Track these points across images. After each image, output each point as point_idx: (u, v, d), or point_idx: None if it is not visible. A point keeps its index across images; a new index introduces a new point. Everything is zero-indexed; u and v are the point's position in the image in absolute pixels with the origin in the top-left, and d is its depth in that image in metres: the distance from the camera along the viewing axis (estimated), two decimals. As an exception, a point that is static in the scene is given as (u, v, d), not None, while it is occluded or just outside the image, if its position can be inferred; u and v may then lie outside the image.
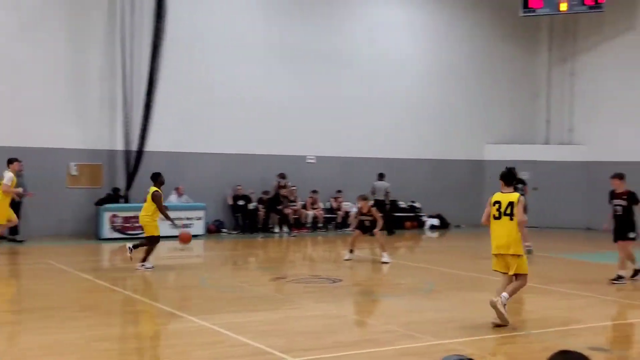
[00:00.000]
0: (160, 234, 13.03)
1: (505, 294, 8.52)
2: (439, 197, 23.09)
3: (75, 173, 18.44)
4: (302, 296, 10.63)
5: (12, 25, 17.73)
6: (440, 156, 23.47)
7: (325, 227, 21.12)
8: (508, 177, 8.88)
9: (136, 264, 12.74)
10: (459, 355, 3.41)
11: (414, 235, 21.39)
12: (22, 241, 16.58)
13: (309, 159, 21.57)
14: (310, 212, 20.92)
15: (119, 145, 18.66)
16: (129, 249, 12.88)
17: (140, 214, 13.21)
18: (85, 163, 18.53)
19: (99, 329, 8.13)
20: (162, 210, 12.83)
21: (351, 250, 14.78)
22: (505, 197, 8.67)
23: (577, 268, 15.10)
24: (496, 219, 8.69)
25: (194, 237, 15.54)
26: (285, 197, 20.25)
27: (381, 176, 20.54)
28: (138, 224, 14.31)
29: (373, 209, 14.81)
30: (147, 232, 12.99)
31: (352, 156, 22.02)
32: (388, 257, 14.46)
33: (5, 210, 14.33)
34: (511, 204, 8.57)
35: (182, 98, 19.52)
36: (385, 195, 20.04)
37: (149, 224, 12.86)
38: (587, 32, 24.07)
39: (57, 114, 18.19)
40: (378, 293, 11.47)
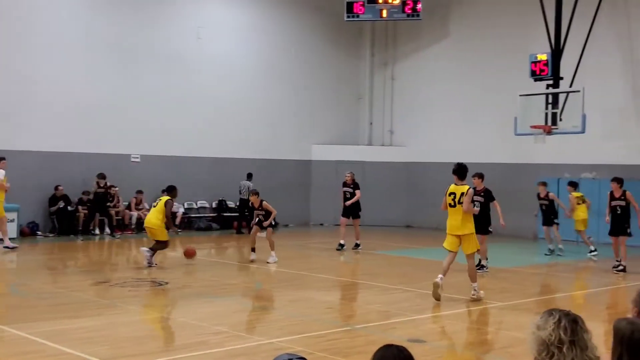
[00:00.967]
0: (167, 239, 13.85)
1: (475, 284, 10.46)
2: (267, 196, 23.15)
3: None
4: (127, 300, 10.25)
5: None
6: (269, 156, 23.67)
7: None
8: (460, 171, 10.45)
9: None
10: (290, 353, 3.43)
11: (243, 235, 21.38)
12: None
13: (133, 157, 20.87)
14: (135, 213, 20.25)
15: None
16: (148, 260, 13.44)
17: (149, 219, 13.98)
18: None
19: None
20: (168, 218, 13.79)
21: (253, 249, 14.62)
22: (459, 189, 10.36)
23: (397, 264, 15.84)
24: (452, 207, 10.36)
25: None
26: (112, 196, 19.55)
27: (249, 176, 21.14)
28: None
29: (264, 202, 14.78)
30: (157, 237, 13.75)
31: (179, 155, 21.59)
32: (274, 258, 14.31)
33: None
34: (463, 194, 10.21)
35: (-6, 92, 18.14)
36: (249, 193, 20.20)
37: (159, 229, 13.69)
38: (406, 38, 25.36)
39: None
40: (207, 294, 11.33)
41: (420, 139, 24.60)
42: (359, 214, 17.24)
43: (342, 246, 16.83)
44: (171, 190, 14.31)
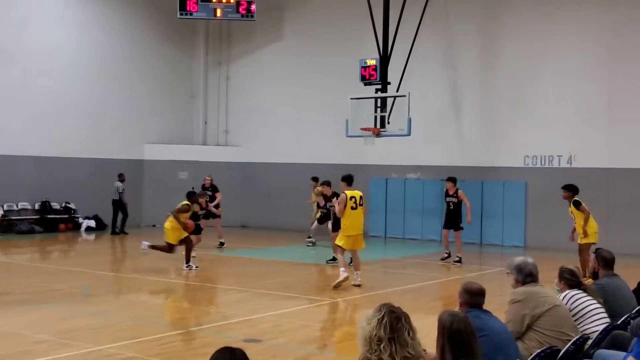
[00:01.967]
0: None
1: (359, 272, 12.13)
2: (95, 197, 22.29)
3: None
4: (-63, 311, 9.39)
5: None
6: (97, 155, 22.69)
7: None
8: (349, 179, 12.35)
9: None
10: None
11: (69, 238, 20.38)
12: None
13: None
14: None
15: None
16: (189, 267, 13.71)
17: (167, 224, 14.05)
18: None
19: None
20: (177, 217, 13.89)
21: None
22: (357, 193, 12.13)
23: (233, 264, 15.80)
24: (353, 209, 11.95)
25: None
26: None
27: (120, 176, 20.87)
28: None
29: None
30: (167, 238, 13.99)
31: (-2, 153, 20.15)
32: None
33: None
34: (361, 197, 12.12)
35: None
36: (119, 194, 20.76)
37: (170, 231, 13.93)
38: (241, 38, 25.37)
39: None
40: (30, 301, 10.64)
41: (256, 139, 24.71)
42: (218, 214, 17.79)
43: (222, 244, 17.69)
44: (190, 196, 14.66)
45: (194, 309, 10.28)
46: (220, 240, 17.70)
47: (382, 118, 18.39)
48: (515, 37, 19.96)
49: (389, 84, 18.70)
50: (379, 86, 18.64)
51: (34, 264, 15.51)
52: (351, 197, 12.04)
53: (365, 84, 18.89)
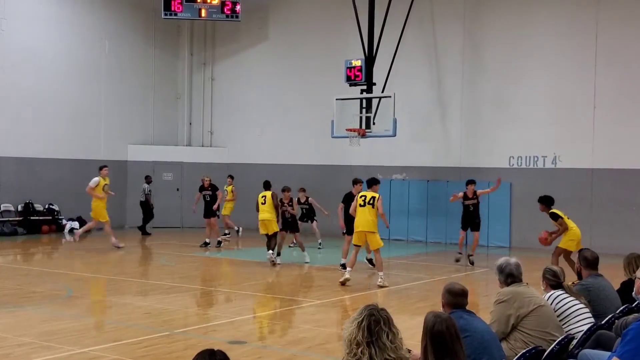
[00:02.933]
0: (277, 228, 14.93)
1: (381, 273, 12.57)
2: (79, 199, 22.07)
3: None
4: None
5: None
6: (81, 156, 22.49)
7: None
8: (371, 182, 13.10)
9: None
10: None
11: (52, 240, 20.20)
12: None
13: None
14: None
15: None
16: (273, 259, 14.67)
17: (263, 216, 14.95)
18: None
19: None
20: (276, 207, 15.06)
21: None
22: (369, 194, 12.71)
23: (216, 265, 15.72)
24: (361, 206, 12.50)
25: None
26: None
27: (147, 178, 21.38)
28: None
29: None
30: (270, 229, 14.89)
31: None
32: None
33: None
34: (373, 198, 12.55)
35: None
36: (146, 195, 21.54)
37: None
38: (226, 39, 25.27)
39: None
40: (10, 304, 10.52)
41: (240, 140, 24.63)
42: (216, 213, 18.43)
43: (206, 244, 18.17)
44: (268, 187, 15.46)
45: (177, 310, 10.20)
46: (217, 239, 18.38)
47: (368, 119, 18.40)
48: (500, 37, 20.02)
49: (374, 84, 18.71)
50: (364, 87, 18.65)
51: (16, 265, 15.34)
52: (361, 196, 12.78)
53: (351, 85, 18.89)
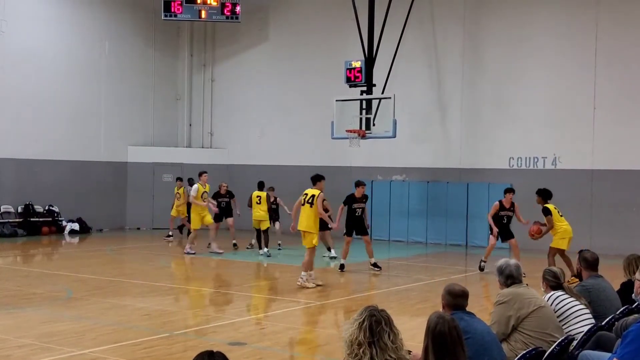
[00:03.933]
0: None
1: (304, 273, 12.01)
2: (79, 200, 22.13)
3: None
4: None
5: None
6: (81, 157, 22.49)
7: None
8: (315, 178, 12.44)
9: None
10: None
11: (52, 241, 20.20)
12: None
13: None
14: None
15: None
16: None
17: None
18: None
19: None
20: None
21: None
22: (310, 191, 12.20)
23: (215, 267, 15.71)
24: (302, 205, 12.16)
25: None
26: None
27: (190, 180, 20.68)
28: None
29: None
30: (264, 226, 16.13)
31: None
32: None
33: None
34: (313, 196, 12.06)
35: None
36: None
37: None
38: (225, 40, 25.27)
39: None
40: (10, 305, 10.51)
41: (240, 141, 24.62)
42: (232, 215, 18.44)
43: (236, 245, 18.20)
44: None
45: (177, 312, 10.19)
46: (233, 242, 18.32)
47: (368, 120, 18.40)
48: (500, 38, 20.02)
49: (374, 85, 18.71)
50: (364, 88, 18.65)
51: (16, 267, 15.34)
52: (304, 194, 12.33)
53: (351, 86, 18.90)
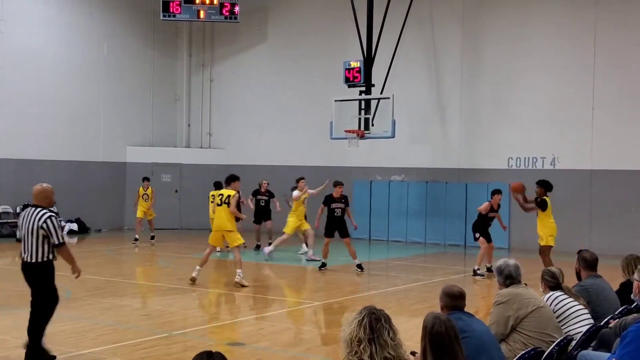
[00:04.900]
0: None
1: (239, 270, 12.18)
2: (78, 200, 22.11)
3: None
4: None
5: None
6: (79, 158, 22.48)
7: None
8: (229, 179, 12.77)
9: None
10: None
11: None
12: None
13: None
14: None
15: None
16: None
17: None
18: None
19: None
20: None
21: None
22: (226, 192, 12.49)
23: (213, 267, 15.71)
24: (218, 205, 12.40)
25: None
26: None
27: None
28: None
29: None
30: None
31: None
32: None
33: None
34: (229, 196, 12.32)
35: None
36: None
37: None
38: (224, 40, 25.26)
39: None
40: (10, 305, 10.51)
41: (239, 141, 24.61)
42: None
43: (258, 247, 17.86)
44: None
45: (176, 312, 10.19)
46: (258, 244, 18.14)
47: (366, 120, 18.40)
48: (499, 38, 20.03)
49: (373, 85, 18.71)
50: (363, 88, 18.65)
51: (15, 267, 15.29)
52: (219, 195, 12.73)
53: (350, 86, 18.90)
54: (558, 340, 5.35)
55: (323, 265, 14.48)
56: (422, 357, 4.07)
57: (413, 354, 4.62)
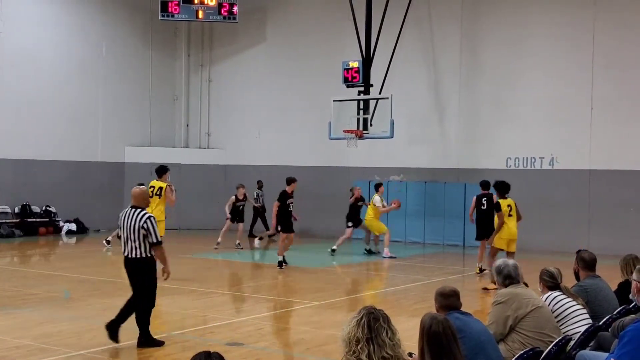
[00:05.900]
0: None
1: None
2: (77, 200, 22.12)
3: None
4: None
5: None
6: (78, 158, 22.48)
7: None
8: (159, 171, 13.09)
9: None
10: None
11: (49, 242, 20.18)
12: None
13: None
14: None
15: None
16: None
17: None
18: None
19: None
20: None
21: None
22: (157, 184, 12.73)
23: (214, 267, 15.71)
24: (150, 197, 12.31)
25: None
26: None
27: (258, 182, 21.16)
28: None
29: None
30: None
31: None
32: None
33: None
34: (160, 188, 12.74)
35: None
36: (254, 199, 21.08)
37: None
38: (223, 40, 25.26)
39: None
40: (7, 305, 10.50)
41: (238, 141, 24.62)
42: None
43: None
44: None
45: (175, 312, 10.19)
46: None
47: (365, 120, 18.40)
48: (497, 39, 20.04)
49: (371, 86, 18.71)
50: (362, 88, 18.65)
51: (14, 267, 15.33)
52: (150, 187, 12.71)
53: (348, 86, 18.90)
54: (556, 340, 5.36)
55: (280, 264, 14.60)
56: (420, 358, 4.06)
57: (410, 355, 4.61)
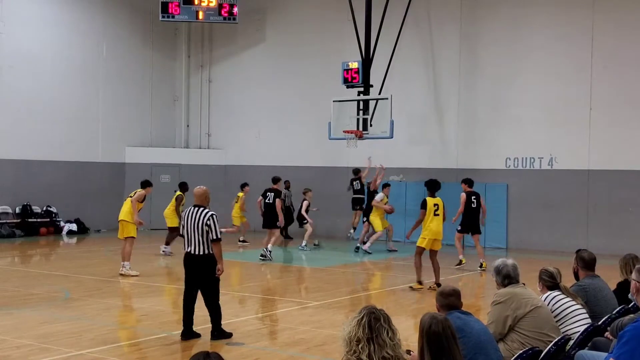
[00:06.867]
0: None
1: (125, 262, 13.55)
2: (77, 201, 22.14)
3: None
4: None
5: None
6: (79, 158, 22.50)
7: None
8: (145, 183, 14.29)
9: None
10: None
11: (50, 242, 20.19)
12: None
13: None
14: None
15: None
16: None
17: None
18: None
19: None
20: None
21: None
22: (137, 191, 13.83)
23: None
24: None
25: None
26: None
27: (286, 183, 20.85)
28: None
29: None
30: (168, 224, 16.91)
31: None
32: None
33: None
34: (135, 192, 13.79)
35: None
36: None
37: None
38: (223, 41, 25.28)
39: None
40: (8, 305, 10.52)
41: (238, 142, 24.63)
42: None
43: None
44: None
45: (175, 312, 10.21)
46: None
47: (365, 120, 18.41)
48: (496, 39, 20.05)
49: (371, 86, 18.73)
50: (362, 89, 18.66)
51: (15, 268, 15.34)
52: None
53: (348, 87, 18.91)
54: (556, 340, 5.38)
55: (264, 256, 15.45)
56: (420, 357, 4.08)
57: (408, 352, 4.63)
